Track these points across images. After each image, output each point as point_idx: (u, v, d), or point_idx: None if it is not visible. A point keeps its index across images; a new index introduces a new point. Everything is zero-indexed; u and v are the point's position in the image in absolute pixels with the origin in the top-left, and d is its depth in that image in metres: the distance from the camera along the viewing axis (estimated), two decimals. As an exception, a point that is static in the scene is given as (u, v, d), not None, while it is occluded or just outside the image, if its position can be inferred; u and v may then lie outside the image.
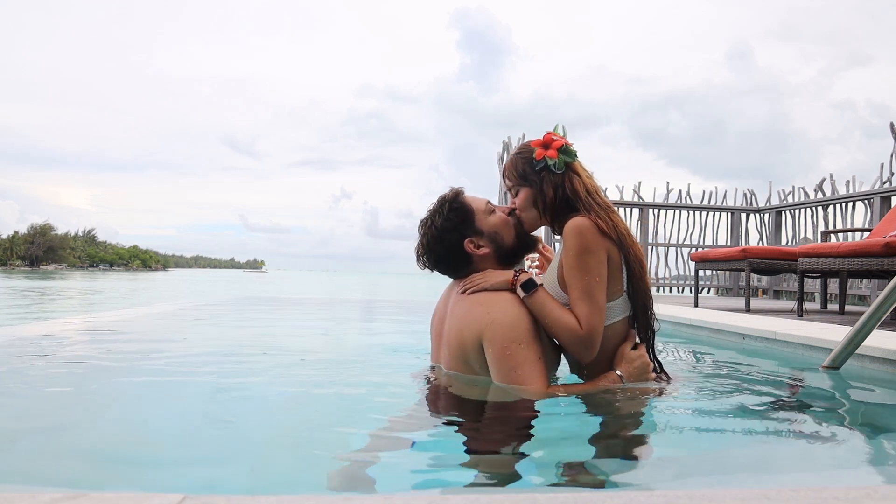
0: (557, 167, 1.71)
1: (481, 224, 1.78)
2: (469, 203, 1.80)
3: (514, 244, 1.80)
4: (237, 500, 0.76)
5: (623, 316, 1.71)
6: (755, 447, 1.35)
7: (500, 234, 1.79)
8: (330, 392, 1.83)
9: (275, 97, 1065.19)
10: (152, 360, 2.28)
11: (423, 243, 1.81)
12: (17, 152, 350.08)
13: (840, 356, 2.14)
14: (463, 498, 0.74)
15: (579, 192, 1.70)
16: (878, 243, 3.66)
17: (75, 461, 1.16)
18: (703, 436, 1.42)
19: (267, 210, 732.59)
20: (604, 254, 1.63)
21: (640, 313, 1.71)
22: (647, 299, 1.72)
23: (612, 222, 1.66)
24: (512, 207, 1.80)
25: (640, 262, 1.70)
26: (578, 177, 1.73)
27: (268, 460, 1.20)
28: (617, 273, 1.67)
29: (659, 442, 1.39)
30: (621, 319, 1.70)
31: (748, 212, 8.27)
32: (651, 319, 1.74)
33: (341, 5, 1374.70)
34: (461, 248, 1.77)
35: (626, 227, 1.71)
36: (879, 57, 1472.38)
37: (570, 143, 1.76)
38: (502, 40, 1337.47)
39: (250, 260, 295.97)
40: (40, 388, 1.75)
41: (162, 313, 4.22)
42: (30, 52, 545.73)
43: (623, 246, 1.66)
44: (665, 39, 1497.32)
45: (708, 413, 1.62)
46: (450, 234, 1.77)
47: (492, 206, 1.82)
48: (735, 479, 1.13)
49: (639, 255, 1.70)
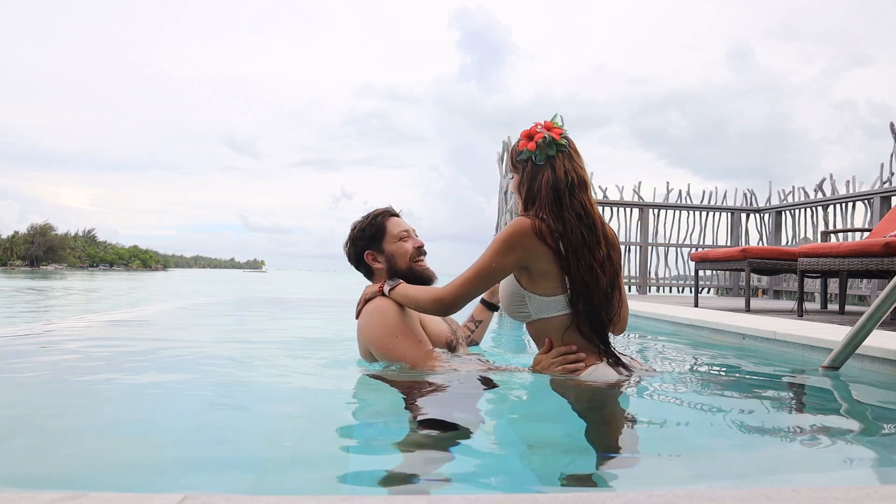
0: (538, 159, 1.78)
1: (386, 245, 2.13)
2: (386, 225, 2.15)
3: (403, 272, 2.10)
4: (237, 500, 0.76)
5: (560, 313, 1.75)
6: (755, 447, 1.35)
7: (395, 259, 2.12)
8: (331, 392, 1.83)
9: (275, 97, 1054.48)
10: (152, 359, 2.29)
11: (344, 243, 2.22)
12: (17, 152, 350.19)
13: (840, 356, 2.14)
14: (463, 498, 0.74)
15: (542, 190, 1.76)
16: (878, 243, 3.66)
17: (75, 461, 1.16)
18: (702, 436, 1.42)
19: (267, 210, 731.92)
20: (523, 254, 1.71)
21: (583, 318, 1.74)
22: (598, 305, 1.74)
23: (562, 229, 1.70)
24: (420, 245, 2.15)
25: (594, 271, 1.72)
26: (553, 173, 1.76)
27: (268, 460, 1.20)
28: (551, 271, 1.72)
29: (659, 442, 1.39)
30: (558, 316, 1.75)
31: (748, 212, 8.27)
32: (600, 325, 1.76)
33: (341, 5, 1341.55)
34: (363, 256, 2.15)
35: (587, 236, 1.73)
36: (880, 57, 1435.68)
37: (559, 135, 1.78)
38: (502, 40, 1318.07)
39: (250, 260, 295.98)
40: (40, 388, 1.75)
41: (162, 313, 4.22)
42: (30, 52, 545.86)
43: (563, 254, 1.70)
44: (665, 39, 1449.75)
45: (708, 413, 1.62)
46: (359, 243, 2.16)
47: (405, 235, 2.15)
48: (735, 480, 1.13)
49: (592, 265, 1.72)
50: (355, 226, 2.20)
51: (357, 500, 0.86)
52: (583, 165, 1.83)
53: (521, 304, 1.77)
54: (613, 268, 1.79)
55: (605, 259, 1.75)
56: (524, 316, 1.79)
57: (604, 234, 1.78)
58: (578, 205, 1.74)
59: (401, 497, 0.99)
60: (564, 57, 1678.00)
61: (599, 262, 1.73)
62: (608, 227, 1.84)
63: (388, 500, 0.96)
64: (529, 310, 1.76)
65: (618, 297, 1.81)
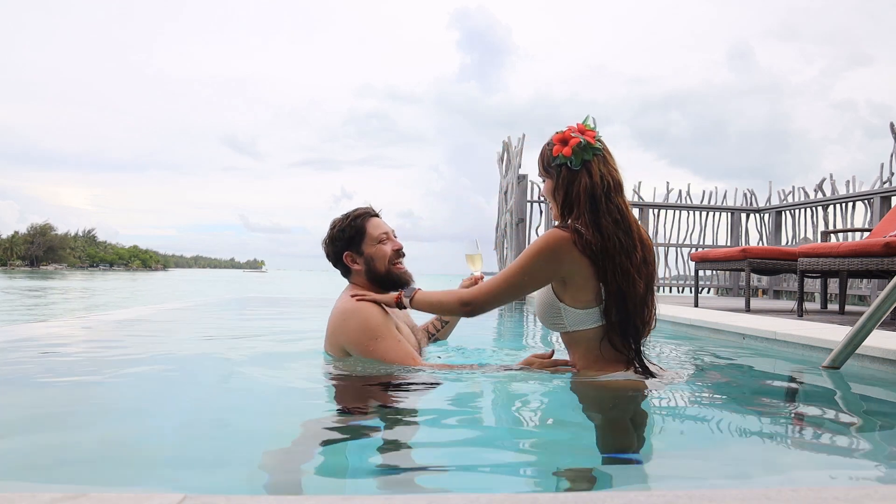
0: (574, 164, 1.73)
1: (365, 247, 2.14)
2: (366, 227, 2.15)
3: (382, 275, 2.13)
4: (237, 500, 0.76)
5: (595, 325, 1.71)
6: (755, 447, 1.35)
7: (374, 262, 2.13)
8: (329, 389, 1.83)
9: (275, 97, 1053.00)
10: (152, 359, 2.28)
11: (323, 240, 2.21)
12: (17, 152, 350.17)
13: (840, 356, 2.14)
14: (463, 498, 0.74)
15: (581, 197, 1.72)
16: (878, 243, 3.66)
17: (75, 461, 1.16)
18: (703, 436, 1.42)
19: (267, 210, 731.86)
20: (558, 267, 1.68)
21: (616, 329, 1.70)
22: (633, 312, 1.70)
23: (600, 236, 1.66)
24: (399, 248, 2.16)
25: (630, 276, 1.68)
26: (590, 178, 1.72)
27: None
28: (588, 285, 1.69)
29: (659, 442, 1.39)
30: (593, 328, 1.72)
31: (748, 212, 8.27)
32: (633, 332, 1.72)
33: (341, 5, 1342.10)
34: (342, 256, 2.16)
35: (624, 240, 1.69)
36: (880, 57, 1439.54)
37: (593, 138, 1.75)
38: (502, 40, 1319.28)
39: (250, 260, 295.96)
40: (40, 388, 1.75)
41: (163, 313, 4.22)
42: (30, 52, 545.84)
43: (600, 263, 1.66)
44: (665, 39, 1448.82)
45: (708, 413, 1.62)
46: (339, 242, 2.16)
47: (384, 238, 2.15)
48: (735, 479, 1.13)
49: (629, 270, 1.68)
50: (335, 224, 2.19)
51: (357, 500, 0.86)
52: (617, 168, 1.78)
53: (557, 316, 1.74)
54: (649, 271, 1.75)
55: (641, 263, 1.72)
56: (559, 327, 1.76)
57: (639, 238, 1.74)
58: (615, 209, 1.71)
59: (401, 497, 0.99)
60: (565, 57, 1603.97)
61: (636, 267, 1.70)
62: (643, 230, 1.79)
63: (388, 500, 0.96)
64: (565, 322, 1.73)
65: (652, 301, 1.77)
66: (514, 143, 7.87)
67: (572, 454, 1.29)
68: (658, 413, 1.59)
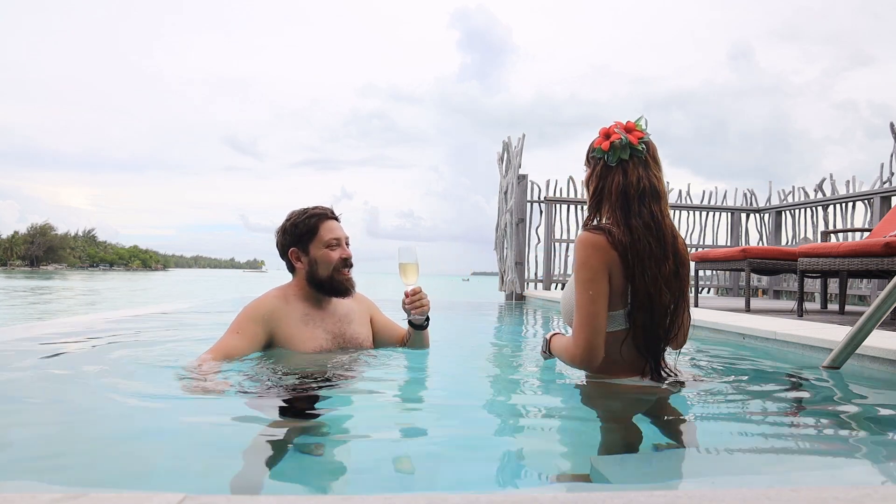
0: (610, 160, 1.73)
1: (312, 248, 2.11)
2: (319, 228, 2.11)
3: (322, 280, 2.11)
4: (237, 500, 0.76)
5: (618, 329, 1.69)
6: (755, 447, 1.35)
7: (317, 265, 2.10)
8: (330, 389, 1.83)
9: (276, 97, 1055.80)
10: (153, 359, 2.28)
11: (276, 229, 2.20)
12: (17, 152, 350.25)
13: (840, 356, 2.14)
14: (463, 497, 0.74)
15: (612, 194, 1.71)
16: (878, 243, 3.66)
17: (75, 461, 1.16)
18: (703, 436, 1.42)
19: (268, 210, 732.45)
20: (602, 268, 1.64)
21: (639, 332, 1.68)
22: (657, 321, 1.67)
23: (629, 237, 1.64)
24: (348, 257, 2.12)
25: (658, 284, 1.65)
26: (624, 177, 1.70)
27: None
28: (618, 284, 1.66)
29: (659, 442, 1.39)
30: (615, 331, 1.69)
31: (748, 212, 8.27)
32: (654, 340, 1.70)
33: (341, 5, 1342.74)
34: (288, 251, 2.14)
35: (654, 246, 1.66)
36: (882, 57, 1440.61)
37: (638, 139, 1.72)
38: (502, 40, 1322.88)
39: (250, 260, 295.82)
40: (40, 388, 1.74)
41: (162, 312, 4.22)
42: (30, 52, 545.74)
43: (629, 262, 1.64)
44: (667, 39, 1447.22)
45: (708, 413, 1.62)
46: (288, 237, 2.14)
47: (334, 243, 2.11)
48: (735, 479, 1.13)
49: (657, 277, 1.65)
50: (290, 217, 2.16)
51: (357, 500, 0.86)
52: (659, 175, 1.75)
53: None
54: (680, 285, 1.72)
55: (671, 275, 1.69)
56: None
57: (674, 250, 1.71)
58: (647, 213, 1.68)
59: (401, 497, 0.99)
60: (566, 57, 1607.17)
61: (665, 277, 1.67)
62: (681, 243, 1.75)
63: (387, 500, 0.96)
64: None
65: (681, 316, 1.73)
66: (514, 143, 7.87)
67: (573, 453, 1.29)
68: (659, 413, 1.59)
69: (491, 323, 4.83)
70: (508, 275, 7.82)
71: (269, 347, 2.09)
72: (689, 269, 1.78)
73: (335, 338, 2.15)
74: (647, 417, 1.54)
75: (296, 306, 2.12)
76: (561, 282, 7.94)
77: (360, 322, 2.27)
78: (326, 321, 2.15)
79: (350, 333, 2.20)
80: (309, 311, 2.14)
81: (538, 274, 8.03)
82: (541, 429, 1.50)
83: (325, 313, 2.17)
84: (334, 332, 2.16)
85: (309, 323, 2.11)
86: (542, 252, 7.95)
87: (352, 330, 2.21)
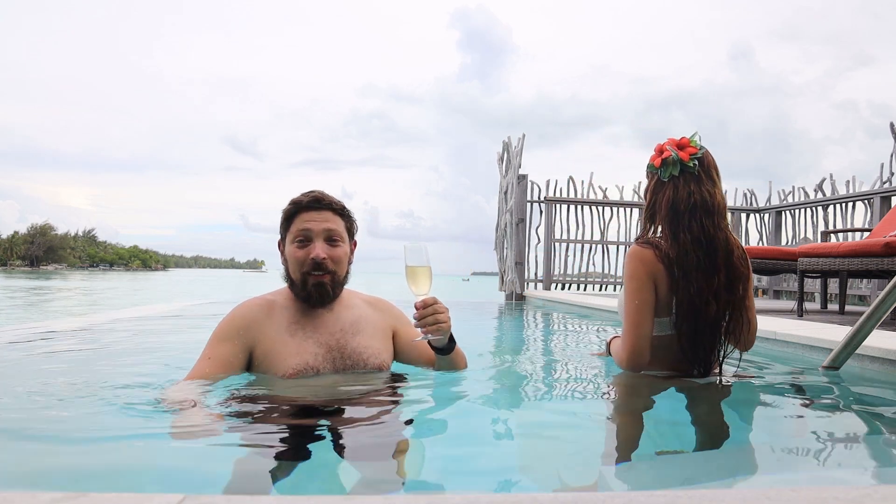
0: (662, 176, 1.82)
1: (286, 243, 1.80)
2: (295, 219, 1.77)
3: (294, 283, 1.77)
4: (237, 500, 0.76)
5: (664, 333, 1.81)
6: (755, 447, 1.35)
7: (287, 262, 1.79)
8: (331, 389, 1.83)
9: (276, 97, 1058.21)
10: (153, 358, 2.28)
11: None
12: (17, 152, 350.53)
13: (840, 356, 2.14)
14: (463, 498, 0.74)
15: (663, 208, 1.80)
16: (878, 243, 3.66)
17: (75, 461, 1.16)
18: (702, 436, 1.41)
19: (268, 210, 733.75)
20: (647, 280, 1.75)
21: (685, 338, 1.78)
22: (701, 331, 1.77)
23: (676, 250, 1.73)
24: (317, 257, 1.71)
25: (703, 296, 1.73)
26: (675, 192, 1.77)
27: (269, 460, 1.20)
28: (665, 297, 1.78)
29: (659, 441, 1.39)
30: (661, 336, 1.80)
31: (748, 212, 8.27)
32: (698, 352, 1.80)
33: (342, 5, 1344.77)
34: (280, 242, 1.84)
35: (703, 260, 1.73)
36: (882, 57, 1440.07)
37: (690, 155, 1.78)
38: (502, 40, 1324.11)
39: (250, 260, 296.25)
40: (40, 387, 1.75)
41: (163, 312, 4.22)
42: (30, 52, 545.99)
43: (674, 274, 1.73)
44: (667, 39, 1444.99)
45: (708, 413, 1.62)
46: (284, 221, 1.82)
47: (303, 239, 1.75)
48: (735, 479, 1.13)
49: (703, 290, 1.72)
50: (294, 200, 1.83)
51: (357, 500, 0.86)
52: (712, 191, 1.79)
53: None
54: (731, 298, 1.77)
55: (720, 287, 1.74)
56: None
57: (726, 263, 1.75)
58: (697, 227, 1.74)
59: (401, 497, 0.99)
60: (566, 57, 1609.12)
61: (713, 290, 1.73)
62: (737, 256, 1.78)
63: (387, 500, 0.96)
64: None
65: (736, 323, 1.80)
66: (514, 144, 7.87)
67: (573, 453, 1.29)
68: (658, 412, 1.59)
69: (491, 323, 4.84)
70: (508, 275, 7.83)
71: (251, 366, 1.75)
72: (747, 280, 1.81)
73: (329, 352, 1.75)
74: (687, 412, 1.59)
75: (282, 314, 1.77)
76: (561, 282, 7.97)
77: (372, 334, 1.85)
78: (320, 332, 1.77)
79: (352, 347, 1.78)
80: (299, 319, 1.77)
81: (538, 274, 8.04)
82: (545, 434, 1.50)
83: (319, 322, 1.78)
84: (329, 345, 1.76)
85: (296, 334, 1.74)
86: (542, 252, 7.96)
87: (355, 343, 1.80)
